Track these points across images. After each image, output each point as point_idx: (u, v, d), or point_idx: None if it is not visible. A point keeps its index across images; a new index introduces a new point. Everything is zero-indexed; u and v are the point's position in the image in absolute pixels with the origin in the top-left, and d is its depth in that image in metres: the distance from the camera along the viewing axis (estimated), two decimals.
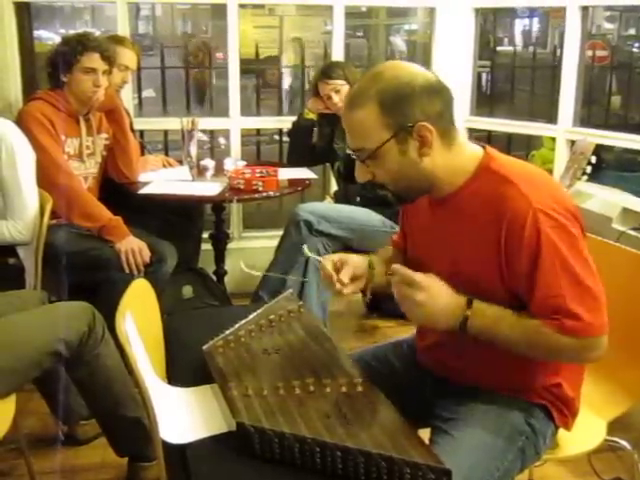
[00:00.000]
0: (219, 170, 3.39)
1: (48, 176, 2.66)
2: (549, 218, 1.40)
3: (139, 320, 1.47)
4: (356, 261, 1.65)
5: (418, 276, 1.45)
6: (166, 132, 4.31)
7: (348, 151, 1.54)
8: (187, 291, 3.37)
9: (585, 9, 3.48)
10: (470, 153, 1.53)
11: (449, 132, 1.49)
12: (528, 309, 1.44)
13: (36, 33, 4.40)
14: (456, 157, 1.51)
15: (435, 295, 1.44)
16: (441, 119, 1.46)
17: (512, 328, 1.44)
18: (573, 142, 3.34)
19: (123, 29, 3.61)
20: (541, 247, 1.39)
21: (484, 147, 1.56)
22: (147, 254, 2.76)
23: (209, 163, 3.41)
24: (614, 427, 1.83)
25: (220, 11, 3.83)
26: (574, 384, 1.62)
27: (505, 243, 1.43)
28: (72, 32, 3.09)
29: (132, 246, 2.74)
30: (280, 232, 3.22)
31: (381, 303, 3.36)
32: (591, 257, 1.45)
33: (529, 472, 2.15)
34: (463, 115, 3.98)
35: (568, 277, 1.40)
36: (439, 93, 1.47)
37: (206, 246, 3.56)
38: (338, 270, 1.62)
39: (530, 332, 1.43)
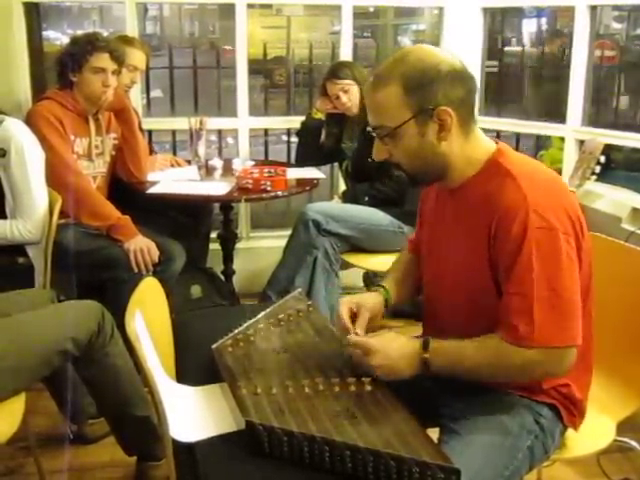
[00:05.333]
0: (227, 170, 3.40)
1: (57, 175, 2.67)
2: (540, 219, 1.40)
3: (148, 319, 1.47)
4: (372, 304, 1.68)
5: (367, 342, 1.48)
6: (174, 132, 4.32)
7: (368, 129, 1.54)
8: (196, 291, 3.37)
9: (594, 9, 3.46)
10: (484, 146, 1.54)
11: (468, 121, 1.51)
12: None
13: (44, 33, 4.41)
14: (471, 147, 1.52)
15: (386, 352, 1.46)
16: (462, 106, 1.48)
17: (473, 357, 1.45)
18: (582, 142, 3.33)
19: (132, 29, 3.61)
20: (524, 244, 1.39)
21: (497, 143, 1.56)
22: (156, 253, 2.76)
23: (217, 163, 3.41)
24: (623, 427, 1.82)
25: (228, 11, 3.83)
26: (582, 386, 1.61)
27: (494, 236, 1.44)
28: (81, 32, 3.09)
29: (141, 245, 2.74)
30: (288, 232, 3.22)
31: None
32: (593, 257, 1.44)
33: (538, 473, 2.14)
34: None
35: (542, 280, 1.39)
36: (463, 80, 1.48)
37: (214, 246, 3.56)
38: (354, 315, 1.64)
39: (492, 355, 1.44)
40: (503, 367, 1.45)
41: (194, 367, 1.60)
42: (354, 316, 1.64)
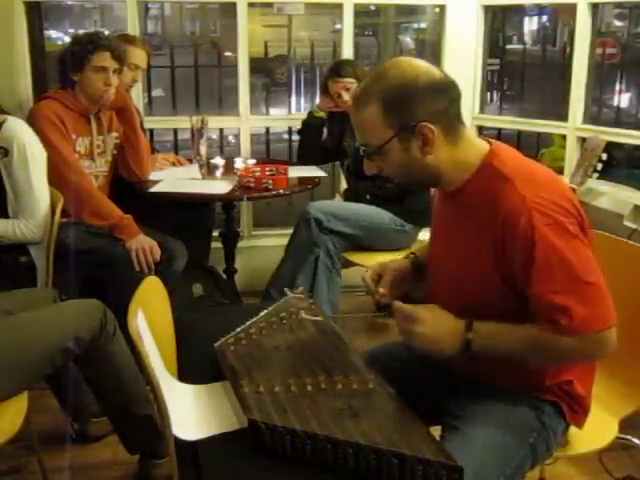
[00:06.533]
0: (229, 168, 3.40)
1: (59, 175, 2.67)
2: (544, 216, 1.40)
3: (150, 318, 1.47)
4: (396, 266, 1.72)
5: (416, 310, 1.48)
6: (176, 131, 4.32)
7: (358, 145, 1.56)
8: (197, 289, 3.37)
9: (595, 6, 3.46)
10: (476, 149, 1.54)
11: (454, 128, 1.50)
12: (529, 307, 1.44)
13: (46, 33, 4.41)
14: (462, 152, 1.52)
15: (434, 325, 1.47)
16: (445, 116, 1.47)
17: (514, 341, 1.45)
18: (584, 140, 3.33)
19: (133, 28, 3.62)
20: (535, 244, 1.39)
21: (491, 143, 1.56)
22: (158, 252, 2.77)
23: (219, 161, 3.42)
24: (626, 425, 1.82)
25: (229, 10, 3.83)
26: (585, 382, 1.61)
27: (502, 241, 1.44)
28: (82, 31, 3.09)
29: (143, 244, 2.75)
30: (290, 230, 3.23)
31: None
32: (595, 254, 1.44)
33: (540, 470, 2.14)
34: (473, 113, 3.97)
35: (564, 272, 1.40)
36: (444, 90, 1.48)
37: (216, 244, 3.56)
38: (379, 278, 1.68)
39: (532, 340, 1.44)
40: (545, 353, 1.46)
41: (196, 365, 1.60)
42: (379, 279, 1.67)
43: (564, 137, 3.76)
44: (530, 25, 14.19)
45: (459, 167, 1.52)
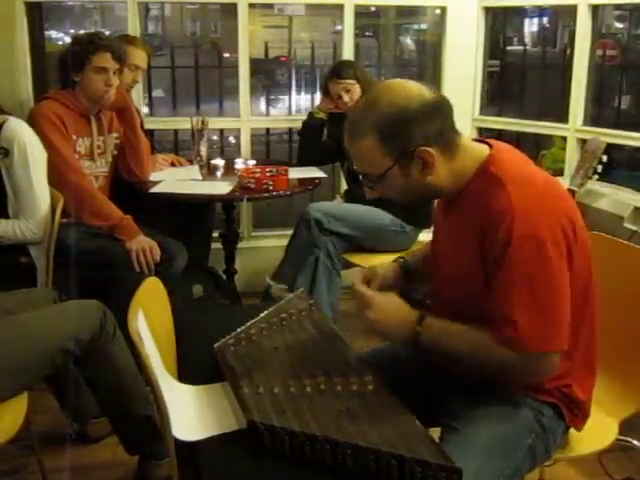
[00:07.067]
0: (229, 169, 3.40)
1: (59, 175, 2.67)
2: (525, 227, 1.39)
3: (150, 318, 1.47)
4: (384, 270, 1.74)
5: (373, 297, 1.53)
6: (176, 132, 4.32)
7: (356, 169, 1.58)
8: (197, 290, 3.38)
9: (595, 8, 3.47)
10: (474, 155, 1.53)
11: (451, 144, 1.50)
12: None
13: (46, 33, 4.41)
14: (460, 163, 1.52)
15: (387, 313, 1.51)
16: (441, 136, 1.48)
17: (459, 342, 1.47)
18: (584, 141, 3.33)
19: (133, 29, 3.62)
20: (508, 251, 1.39)
21: (492, 146, 1.55)
22: (157, 253, 2.77)
23: (219, 162, 3.42)
24: (625, 426, 1.82)
25: (230, 11, 3.84)
26: (585, 387, 1.61)
27: (482, 241, 1.45)
28: (83, 32, 3.10)
29: (143, 245, 2.75)
30: (290, 231, 3.23)
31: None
32: (594, 257, 1.44)
33: (540, 472, 2.14)
34: (473, 114, 3.98)
35: (526, 287, 1.40)
36: (437, 110, 1.47)
37: (216, 245, 3.57)
38: (369, 282, 1.69)
39: (477, 347, 1.45)
40: (485, 361, 1.47)
41: (196, 366, 1.60)
42: (369, 284, 1.68)
43: (564, 139, 3.77)
44: (530, 26, 14.17)
45: (458, 176, 1.52)
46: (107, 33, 3.26)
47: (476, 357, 1.47)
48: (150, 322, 1.46)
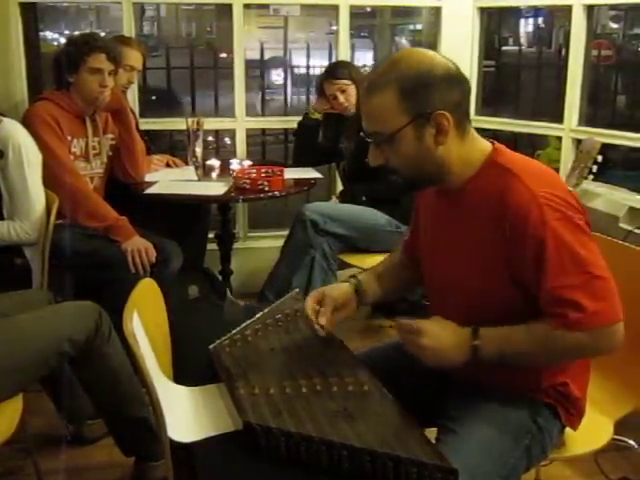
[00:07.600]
0: (225, 170, 3.39)
1: (54, 176, 2.67)
2: (554, 210, 1.40)
3: (146, 320, 1.47)
4: (337, 294, 1.68)
5: (420, 323, 1.47)
6: (171, 133, 4.32)
7: (362, 134, 1.53)
8: (193, 291, 3.37)
9: (590, 8, 3.47)
10: (480, 147, 1.54)
11: (464, 123, 1.51)
12: (537, 302, 1.45)
13: (41, 34, 4.41)
14: (468, 149, 1.52)
15: (440, 336, 1.46)
16: (458, 109, 1.47)
17: (522, 342, 1.45)
18: (579, 141, 3.33)
19: (129, 30, 3.62)
20: (547, 238, 1.39)
21: (493, 143, 1.56)
22: (153, 254, 2.76)
23: (215, 163, 3.41)
24: (621, 426, 1.82)
25: (225, 12, 3.84)
26: (580, 384, 1.61)
27: (510, 236, 1.43)
28: (78, 33, 3.10)
29: (138, 246, 2.74)
30: (286, 232, 3.23)
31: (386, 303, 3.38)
32: (596, 243, 1.45)
33: (536, 472, 2.14)
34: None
35: (575, 267, 1.40)
36: (458, 83, 1.48)
37: (212, 246, 3.56)
38: (319, 303, 1.65)
39: (541, 340, 1.44)
40: (555, 350, 1.45)
41: (191, 367, 1.60)
42: (320, 305, 1.65)
43: (559, 139, 3.77)
44: (526, 27, 14.18)
45: (464, 164, 1.52)
46: (102, 34, 3.27)
47: (547, 351, 1.45)
48: (145, 323, 1.46)
